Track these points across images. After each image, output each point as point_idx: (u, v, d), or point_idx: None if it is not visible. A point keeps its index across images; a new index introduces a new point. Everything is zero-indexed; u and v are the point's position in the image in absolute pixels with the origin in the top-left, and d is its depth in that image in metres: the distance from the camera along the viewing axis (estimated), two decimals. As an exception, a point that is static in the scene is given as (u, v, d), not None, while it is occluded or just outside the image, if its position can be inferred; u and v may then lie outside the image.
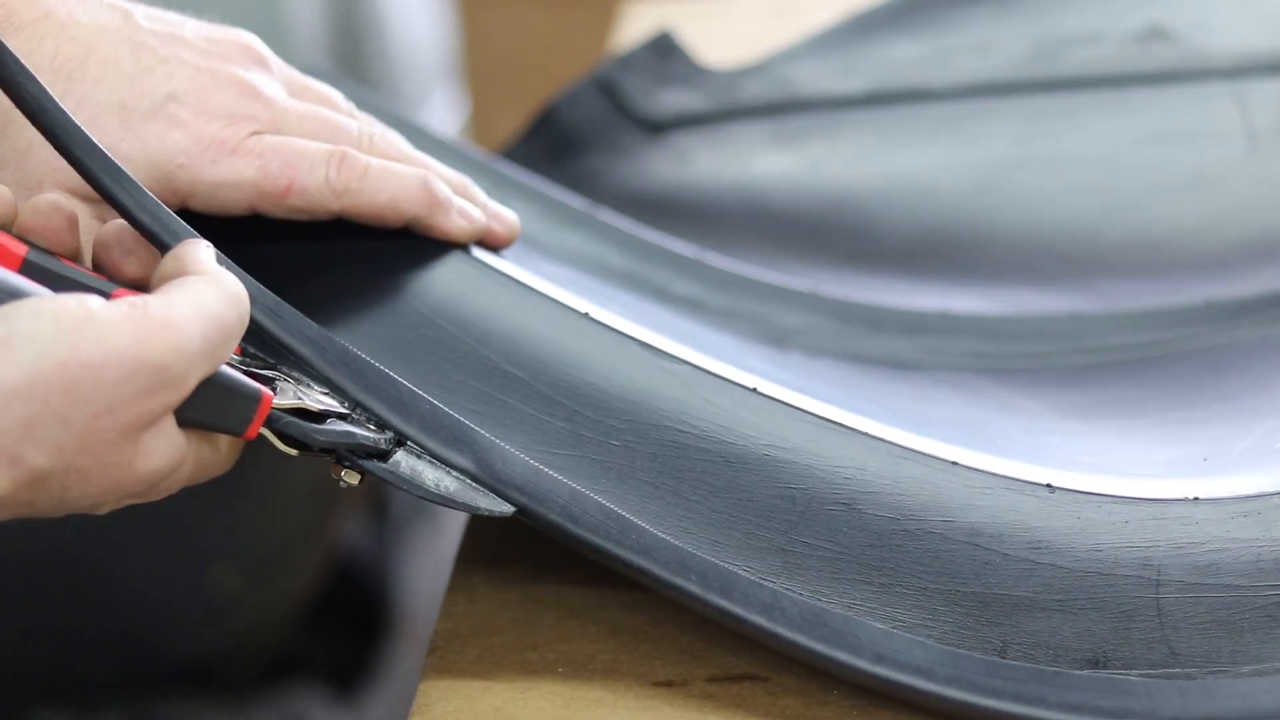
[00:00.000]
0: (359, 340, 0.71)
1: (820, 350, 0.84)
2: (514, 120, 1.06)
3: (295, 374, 0.67)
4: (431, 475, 0.67)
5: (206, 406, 0.63)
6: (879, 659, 0.66)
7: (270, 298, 0.67)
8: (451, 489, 0.67)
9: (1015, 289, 0.90)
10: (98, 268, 0.67)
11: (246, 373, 0.65)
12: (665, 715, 0.68)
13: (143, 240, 0.66)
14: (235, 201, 0.73)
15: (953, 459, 0.73)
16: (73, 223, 0.66)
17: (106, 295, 0.62)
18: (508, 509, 0.67)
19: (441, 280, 0.76)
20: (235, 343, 0.63)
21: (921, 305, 0.88)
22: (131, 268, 0.66)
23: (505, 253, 0.79)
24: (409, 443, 0.67)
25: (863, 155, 1.00)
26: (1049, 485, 0.72)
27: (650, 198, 0.98)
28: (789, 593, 0.67)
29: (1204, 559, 0.68)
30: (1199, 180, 0.96)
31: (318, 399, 0.67)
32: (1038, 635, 0.67)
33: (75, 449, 0.59)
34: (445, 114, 2.24)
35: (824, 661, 0.66)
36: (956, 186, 0.97)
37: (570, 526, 0.67)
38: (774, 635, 0.66)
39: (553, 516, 0.67)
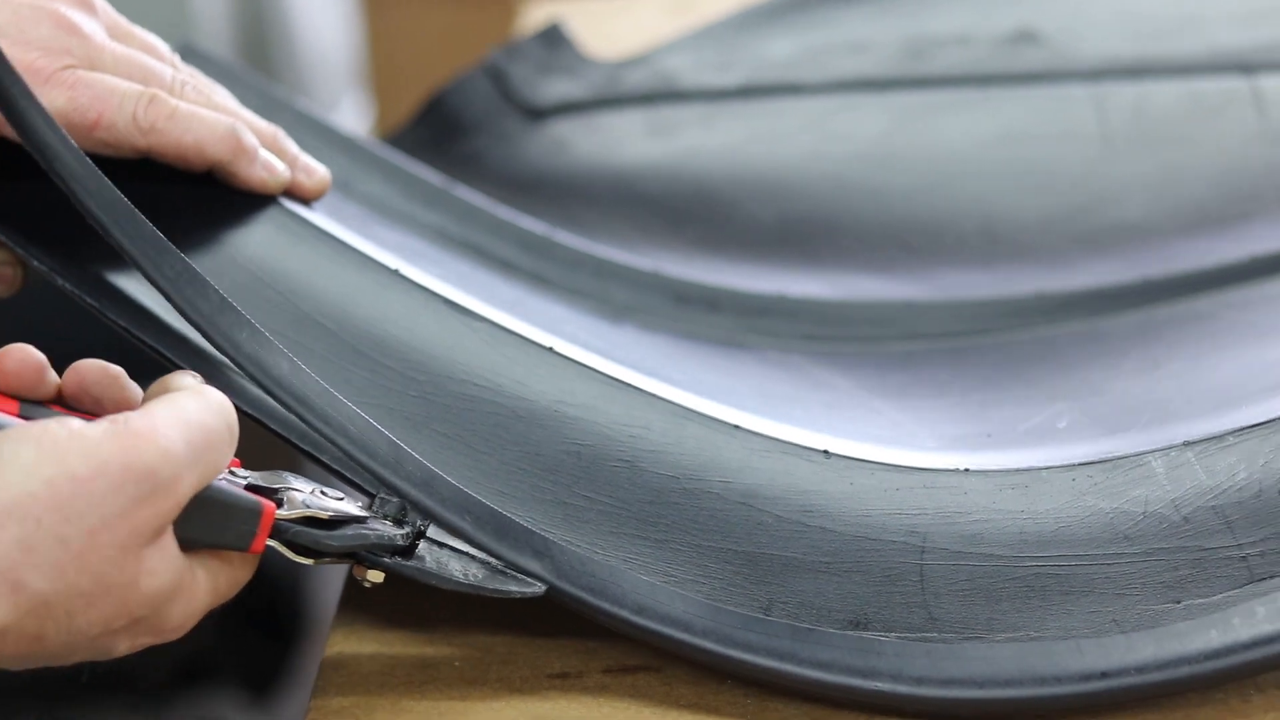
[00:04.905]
0: None
1: (654, 327, 0.86)
2: (416, 118, 1.08)
3: (304, 481, 0.67)
4: (458, 565, 0.68)
5: (205, 524, 0.63)
6: (640, 610, 0.68)
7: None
8: (480, 577, 0.68)
9: (855, 276, 0.91)
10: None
11: (248, 487, 0.65)
12: (561, 706, 0.68)
13: (113, 381, 0.66)
14: None
15: (736, 422, 0.74)
16: (43, 366, 0.65)
17: None
18: (539, 589, 0.67)
19: (257, 231, 0.78)
20: (225, 451, 0.62)
21: (762, 289, 0.90)
22: (109, 409, 0.65)
23: (328, 211, 0.81)
24: (428, 534, 0.68)
25: (731, 146, 1.02)
26: (825, 451, 0.73)
27: (526, 181, 1.00)
28: (563, 543, 0.69)
29: (970, 529, 0.69)
30: (1049, 179, 0.97)
31: (330, 505, 0.66)
32: (803, 595, 0.68)
33: (76, 569, 0.58)
34: (354, 116, 2.26)
35: (588, 610, 0.68)
36: (815, 178, 0.99)
37: (350, 448, 0.67)
38: (541, 580, 0.68)
39: (334, 434, 0.67)
